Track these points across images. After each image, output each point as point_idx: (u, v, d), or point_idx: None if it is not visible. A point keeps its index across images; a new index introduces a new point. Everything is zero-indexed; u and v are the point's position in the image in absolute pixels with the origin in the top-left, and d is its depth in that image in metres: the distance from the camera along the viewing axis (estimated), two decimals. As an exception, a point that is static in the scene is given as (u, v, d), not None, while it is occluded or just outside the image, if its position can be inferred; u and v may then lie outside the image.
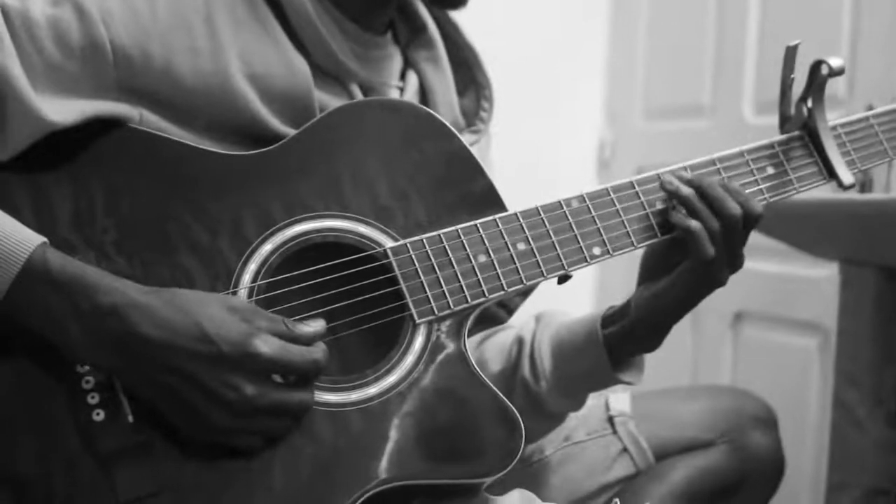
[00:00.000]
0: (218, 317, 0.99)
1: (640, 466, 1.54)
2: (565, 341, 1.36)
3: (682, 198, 1.21)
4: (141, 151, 1.10)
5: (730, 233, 1.19)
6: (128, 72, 1.08)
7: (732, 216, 1.19)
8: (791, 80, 1.29)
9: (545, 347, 1.38)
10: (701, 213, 1.20)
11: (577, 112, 3.35)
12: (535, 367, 1.38)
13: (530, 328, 1.44)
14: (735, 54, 2.82)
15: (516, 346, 1.44)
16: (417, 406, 1.09)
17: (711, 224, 1.19)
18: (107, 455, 1.00)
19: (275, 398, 1.00)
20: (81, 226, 1.06)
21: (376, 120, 1.20)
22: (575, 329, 1.35)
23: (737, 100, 2.81)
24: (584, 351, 1.32)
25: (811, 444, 2.51)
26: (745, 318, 2.82)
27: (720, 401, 1.62)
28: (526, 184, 1.68)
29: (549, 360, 1.37)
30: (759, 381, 2.39)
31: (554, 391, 1.36)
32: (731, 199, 1.20)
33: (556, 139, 3.25)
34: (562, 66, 3.25)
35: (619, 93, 3.34)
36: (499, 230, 1.18)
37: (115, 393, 1.01)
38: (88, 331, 0.97)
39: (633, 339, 1.29)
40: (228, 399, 0.98)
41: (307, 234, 1.12)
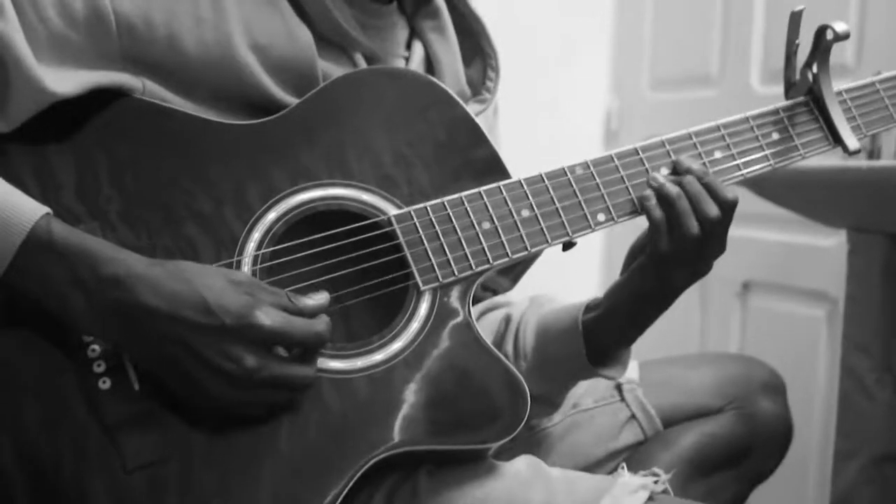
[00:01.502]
0: (220, 288, 0.99)
1: (648, 433, 1.54)
2: (550, 324, 1.36)
3: (662, 194, 1.20)
4: (144, 121, 1.10)
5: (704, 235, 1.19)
6: (131, 42, 1.08)
7: (709, 218, 1.18)
8: (796, 45, 1.28)
9: (530, 328, 1.38)
10: (674, 213, 1.19)
11: (583, 82, 3.34)
12: (517, 345, 1.38)
13: (521, 308, 1.45)
14: (742, 23, 2.80)
15: (504, 323, 1.44)
16: (423, 372, 1.09)
17: (683, 225, 1.18)
18: (113, 423, 1.00)
19: (276, 371, 1.00)
20: (85, 196, 1.06)
21: (379, 88, 1.20)
22: (561, 314, 1.35)
23: (744, 69, 2.80)
24: (564, 336, 1.33)
25: (819, 412, 2.51)
26: (752, 287, 2.82)
27: (728, 368, 1.62)
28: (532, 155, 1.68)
29: (531, 340, 1.37)
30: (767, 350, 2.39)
31: (533, 372, 1.36)
32: (710, 201, 1.19)
33: (563, 110, 3.24)
34: (568, 36, 3.24)
35: (625, 63, 3.33)
36: (503, 197, 1.17)
37: (120, 361, 1.02)
38: (91, 301, 0.97)
39: (608, 329, 1.30)
40: (229, 371, 0.98)
41: (311, 202, 1.12)
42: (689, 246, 1.19)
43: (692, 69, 3.02)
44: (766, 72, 2.74)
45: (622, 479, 1.08)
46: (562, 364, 1.34)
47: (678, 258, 1.20)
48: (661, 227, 1.19)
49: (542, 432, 1.54)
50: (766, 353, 1.80)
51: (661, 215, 1.19)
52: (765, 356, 1.71)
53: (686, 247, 1.19)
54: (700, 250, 1.20)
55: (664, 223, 1.19)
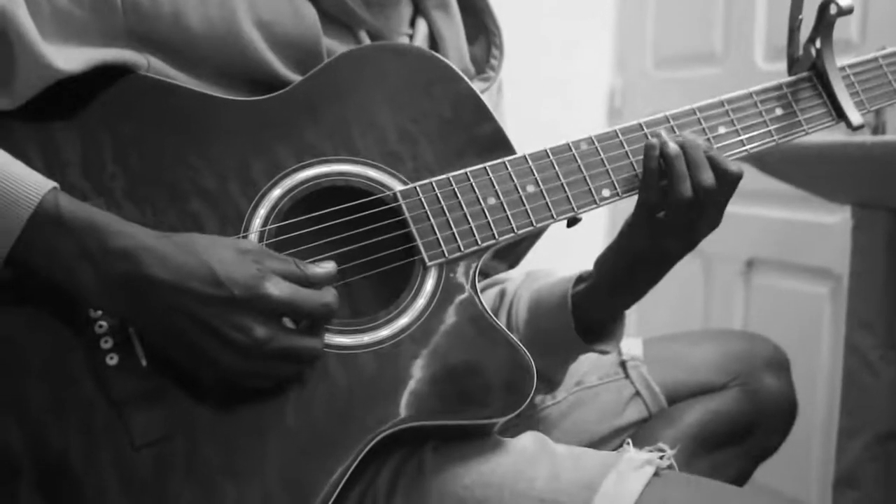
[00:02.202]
0: (229, 259, 0.99)
1: (653, 410, 1.54)
2: (542, 298, 1.36)
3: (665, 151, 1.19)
4: (149, 98, 1.10)
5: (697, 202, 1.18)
6: (136, 18, 1.08)
7: (703, 185, 1.17)
8: (799, 21, 1.28)
9: (523, 301, 1.39)
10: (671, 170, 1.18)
11: (587, 60, 3.33)
12: (510, 319, 1.39)
13: (516, 283, 1.45)
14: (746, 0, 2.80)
15: (499, 298, 1.44)
16: (429, 348, 1.10)
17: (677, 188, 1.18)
18: (121, 399, 1.01)
19: (284, 342, 1.01)
20: (90, 172, 1.06)
21: (383, 64, 1.20)
22: (554, 288, 1.35)
23: (748, 46, 2.79)
24: (553, 311, 1.32)
25: (823, 389, 2.52)
26: (756, 265, 2.82)
27: (732, 344, 1.62)
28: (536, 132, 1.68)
29: (524, 313, 1.37)
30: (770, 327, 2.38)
31: (526, 346, 1.36)
32: (707, 168, 1.18)
33: (567, 88, 3.23)
34: (571, 14, 3.23)
35: (629, 40, 3.32)
36: (508, 172, 1.18)
37: (128, 337, 1.02)
38: (100, 274, 0.98)
39: (599, 300, 1.30)
40: (238, 342, 0.98)
41: (317, 178, 1.13)
42: (682, 210, 1.18)
43: (696, 47, 3.01)
44: (769, 49, 2.73)
45: (628, 454, 1.09)
46: (553, 338, 1.34)
47: (669, 221, 1.19)
48: (653, 177, 1.18)
49: (546, 409, 1.54)
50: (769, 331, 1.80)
51: (655, 167, 1.19)
52: (769, 333, 1.71)
53: (679, 211, 1.18)
54: (693, 218, 1.19)
55: (655, 174, 1.18)
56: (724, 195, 1.20)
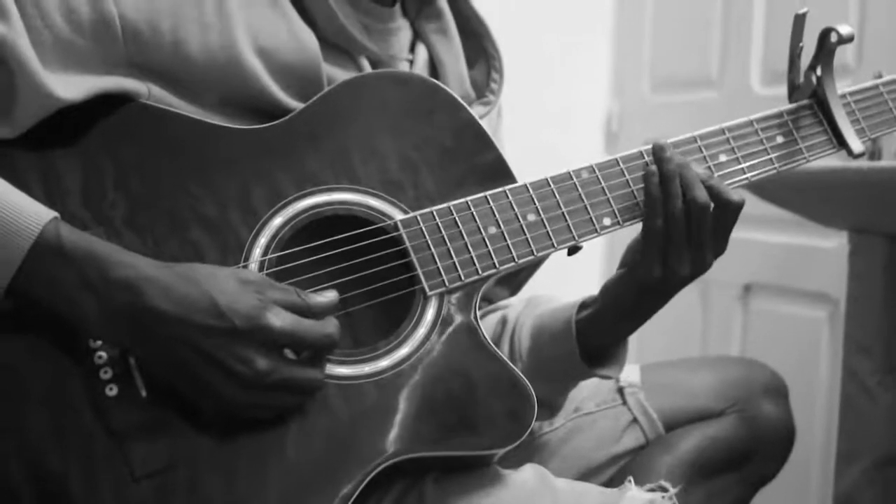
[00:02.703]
0: (230, 290, 0.99)
1: (650, 437, 1.54)
2: (545, 324, 1.36)
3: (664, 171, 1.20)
4: (149, 127, 1.10)
5: (694, 221, 1.18)
6: (137, 47, 1.08)
7: (697, 202, 1.18)
8: (800, 48, 1.29)
9: (526, 329, 1.38)
10: (669, 190, 1.18)
11: (584, 84, 3.34)
12: (513, 347, 1.38)
13: (517, 309, 1.45)
14: (742, 24, 2.81)
15: (500, 325, 1.44)
16: (430, 378, 1.10)
17: (675, 204, 1.18)
18: (121, 430, 1.00)
19: (286, 374, 1.00)
20: (91, 201, 1.06)
21: (385, 92, 1.20)
22: (557, 314, 1.35)
23: (745, 70, 2.81)
24: (558, 337, 1.32)
25: (821, 414, 2.52)
26: (754, 289, 2.82)
27: (730, 370, 1.62)
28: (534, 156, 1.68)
29: (527, 341, 1.37)
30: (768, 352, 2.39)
31: (529, 373, 1.36)
32: (701, 188, 1.18)
33: (564, 112, 3.24)
34: (568, 38, 3.24)
35: (626, 64, 3.33)
36: (509, 201, 1.18)
37: (128, 368, 1.01)
38: (101, 305, 0.97)
39: (603, 327, 1.29)
40: (240, 373, 0.98)
41: (317, 207, 1.13)
42: (681, 232, 1.18)
43: (693, 71, 3.02)
44: (766, 73, 2.75)
45: (629, 492, 1.09)
46: (557, 365, 1.34)
47: (674, 248, 1.19)
48: (655, 204, 1.18)
49: (544, 437, 1.54)
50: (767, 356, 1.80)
51: (657, 193, 1.18)
52: (766, 358, 1.72)
53: (678, 233, 1.18)
54: (698, 243, 1.19)
55: (658, 201, 1.18)
56: (727, 223, 1.21)
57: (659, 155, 1.20)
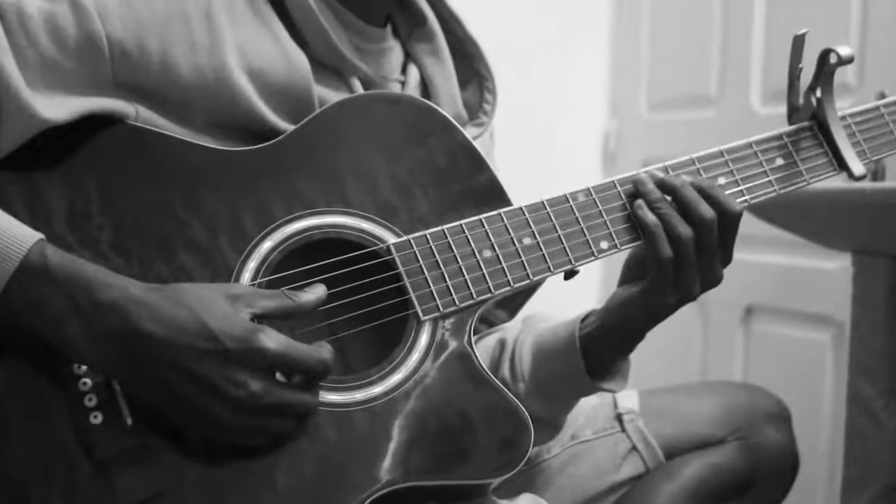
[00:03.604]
0: (221, 312, 0.99)
1: (650, 465, 1.54)
2: (546, 343, 1.36)
3: (651, 200, 1.21)
4: (137, 148, 1.10)
5: (703, 238, 1.19)
6: (124, 67, 1.08)
7: (704, 219, 1.18)
8: (799, 69, 1.29)
9: (526, 349, 1.38)
10: (666, 215, 1.19)
11: (580, 103, 3.35)
12: (514, 368, 1.38)
13: (515, 330, 1.45)
14: (742, 42, 2.82)
15: (499, 347, 1.44)
16: (423, 405, 1.10)
17: (677, 227, 1.19)
18: (106, 459, 1.00)
19: (279, 397, 1.00)
20: (77, 224, 1.06)
21: (377, 114, 1.20)
22: (557, 331, 1.35)
23: (744, 89, 2.81)
24: (561, 353, 1.32)
25: (826, 440, 2.51)
26: (755, 312, 2.82)
27: (731, 397, 1.62)
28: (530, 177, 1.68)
29: (528, 361, 1.37)
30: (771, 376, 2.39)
31: (532, 394, 1.36)
32: (703, 203, 1.19)
33: (560, 131, 3.25)
34: (564, 56, 3.25)
35: (623, 83, 3.34)
36: (504, 225, 1.18)
37: (113, 394, 1.01)
38: (88, 328, 0.97)
39: (609, 343, 1.29)
40: (233, 395, 0.98)
41: (308, 230, 1.13)
42: (687, 249, 1.18)
43: (691, 89, 3.03)
44: (766, 92, 2.75)
45: None
46: (560, 382, 1.34)
47: (682, 266, 1.19)
48: (658, 233, 1.19)
49: (541, 465, 1.54)
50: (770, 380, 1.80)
51: (655, 220, 1.19)
52: (769, 382, 1.72)
53: (685, 251, 1.18)
54: (709, 260, 1.20)
55: (660, 229, 1.19)
56: (733, 232, 1.21)
57: (641, 188, 1.21)
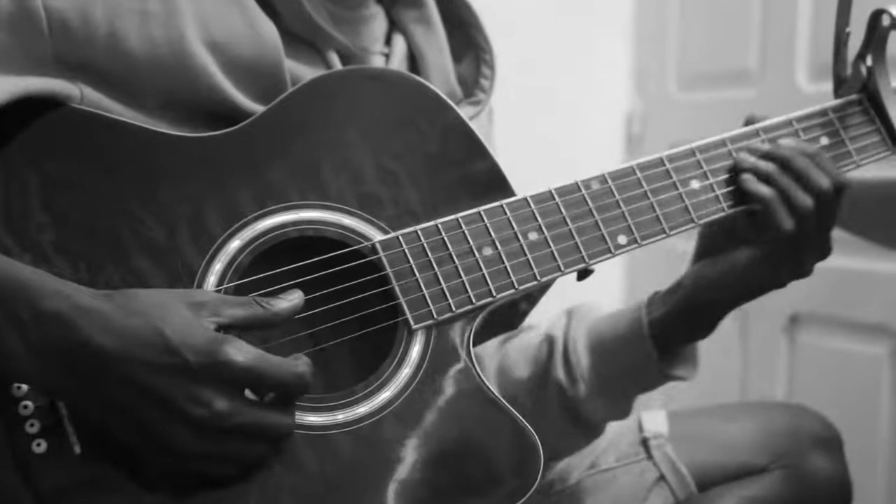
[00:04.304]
0: (181, 321, 0.98)
1: (680, 497, 1.54)
2: (605, 334, 1.37)
3: (763, 172, 1.23)
4: (82, 134, 1.10)
5: (822, 208, 1.23)
6: (65, 41, 1.08)
7: (822, 189, 1.21)
8: (846, 34, 1.29)
9: (581, 344, 1.39)
10: (785, 185, 1.22)
11: (600, 81, 3.36)
12: (570, 369, 1.38)
13: (562, 324, 1.45)
14: (786, 9, 2.82)
15: (546, 346, 1.44)
16: (416, 428, 1.10)
17: (798, 198, 1.21)
18: (50, 493, 1.00)
19: (250, 417, 0.99)
20: (14, 224, 1.06)
21: (358, 92, 1.21)
22: (616, 320, 1.36)
23: (788, 64, 2.81)
24: (626, 343, 1.34)
25: (882, 467, 2.51)
26: (801, 320, 2.82)
27: (773, 419, 1.62)
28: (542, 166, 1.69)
29: (586, 358, 1.38)
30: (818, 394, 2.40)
31: (594, 395, 1.37)
32: (820, 171, 1.23)
33: (577, 113, 3.25)
34: (582, 27, 3.25)
35: (649, 58, 3.34)
36: (506, 218, 1.19)
37: (59, 419, 1.01)
38: (29, 342, 0.96)
39: (684, 326, 1.32)
40: (195, 416, 0.97)
41: (281, 227, 1.13)
42: (810, 222, 1.23)
43: (727, 64, 3.03)
44: (813, 66, 2.75)
45: None
46: (627, 376, 1.36)
47: (802, 239, 1.24)
48: (776, 204, 1.22)
49: (557, 495, 1.54)
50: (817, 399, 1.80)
51: (772, 192, 1.22)
52: (816, 402, 1.72)
53: (807, 224, 1.23)
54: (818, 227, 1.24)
55: (778, 200, 1.22)
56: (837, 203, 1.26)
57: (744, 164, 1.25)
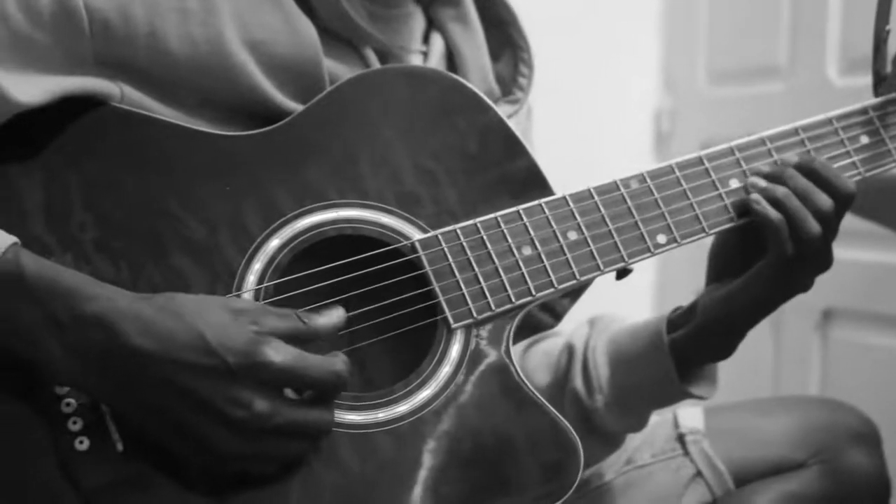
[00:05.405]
0: (220, 323, 0.99)
1: (717, 493, 1.54)
2: (624, 348, 1.36)
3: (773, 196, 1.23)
4: (123, 134, 1.11)
5: (827, 230, 1.23)
6: (106, 41, 1.09)
7: (823, 211, 1.22)
8: (886, 32, 1.29)
9: (601, 355, 1.39)
10: (793, 211, 1.22)
11: (628, 77, 3.35)
12: (588, 379, 1.39)
13: (583, 334, 1.45)
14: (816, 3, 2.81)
15: (566, 355, 1.44)
16: (456, 426, 1.10)
17: (806, 225, 1.21)
18: (93, 489, 1.00)
19: (289, 416, 1.00)
20: (55, 223, 1.06)
21: (397, 91, 1.21)
22: (636, 333, 1.36)
23: (819, 57, 2.80)
24: (646, 358, 1.33)
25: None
26: (834, 316, 2.81)
27: (810, 413, 1.62)
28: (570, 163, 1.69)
29: (605, 369, 1.38)
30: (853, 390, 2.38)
31: (611, 406, 1.37)
32: (818, 193, 1.22)
33: (605, 109, 3.25)
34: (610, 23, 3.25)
35: (678, 53, 3.33)
36: (545, 217, 1.18)
37: (100, 417, 1.02)
38: (69, 345, 0.97)
39: (702, 346, 1.31)
40: (236, 418, 0.98)
41: (320, 226, 1.13)
42: (814, 246, 1.22)
43: (756, 59, 3.02)
44: (844, 60, 2.74)
45: None
46: (645, 390, 1.36)
47: (803, 262, 1.23)
48: (783, 230, 1.22)
49: (592, 493, 1.54)
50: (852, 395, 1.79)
51: (780, 217, 1.22)
52: (851, 398, 1.71)
53: (811, 248, 1.22)
54: (821, 248, 1.23)
55: (784, 225, 1.22)
56: (842, 214, 1.25)
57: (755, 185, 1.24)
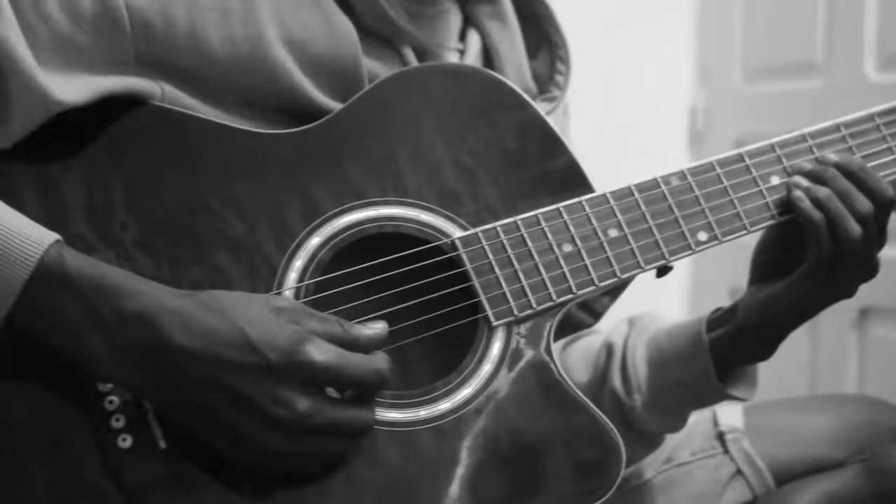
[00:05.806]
0: (263, 321, 0.99)
1: (758, 492, 1.53)
2: (664, 347, 1.36)
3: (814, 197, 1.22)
4: (164, 133, 1.11)
5: (869, 232, 1.22)
6: (147, 41, 1.09)
7: (864, 215, 1.22)
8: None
9: (640, 354, 1.38)
10: (835, 212, 1.21)
11: (663, 73, 3.34)
12: (627, 378, 1.38)
13: (622, 332, 1.45)
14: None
15: (605, 353, 1.44)
16: (497, 424, 1.10)
17: (846, 225, 1.21)
18: (136, 487, 1.01)
19: (331, 415, 1.01)
20: (98, 221, 1.07)
21: (435, 89, 1.21)
22: (676, 333, 1.35)
23: (856, 53, 2.79)
24: (685, 358, 1.33)
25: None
26: (871, 314, 2.80)
27: (851, 412, 1.61)
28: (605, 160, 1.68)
29: (644, 368, 1.37)
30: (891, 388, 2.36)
31: (650, 406, 1.37)
32: (858, 195, 1.22)
33: (641, 106, 3.24)
34: (645, 20, 3.24)
35: (713, 49, 3.32)
36: (586, 214, 1.18)
37: (143, 414, 1.02)
38: (112, 342, 0.98)
39: (742, 347, 1.31)
40: (278, 416, 0.98)
41: (361, 224, 1.14)
42: (854, 248, 1.22)
43: (793, 55, 3.01)
44: (882, 55, 2.73)
45: None
46: (684, 391, 1.36)
47: (843, 263, 1.23)
48: (823, 230, 1.22)
49: (632, 491, 1.54)
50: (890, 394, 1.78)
51: (822, 216, 1.22)
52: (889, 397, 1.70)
53: (850, 250, 1.22)
54: (861, 251, 1.23)
55: (825, 225, 1.21)
56: (886, 219, 1.25)
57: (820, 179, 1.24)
